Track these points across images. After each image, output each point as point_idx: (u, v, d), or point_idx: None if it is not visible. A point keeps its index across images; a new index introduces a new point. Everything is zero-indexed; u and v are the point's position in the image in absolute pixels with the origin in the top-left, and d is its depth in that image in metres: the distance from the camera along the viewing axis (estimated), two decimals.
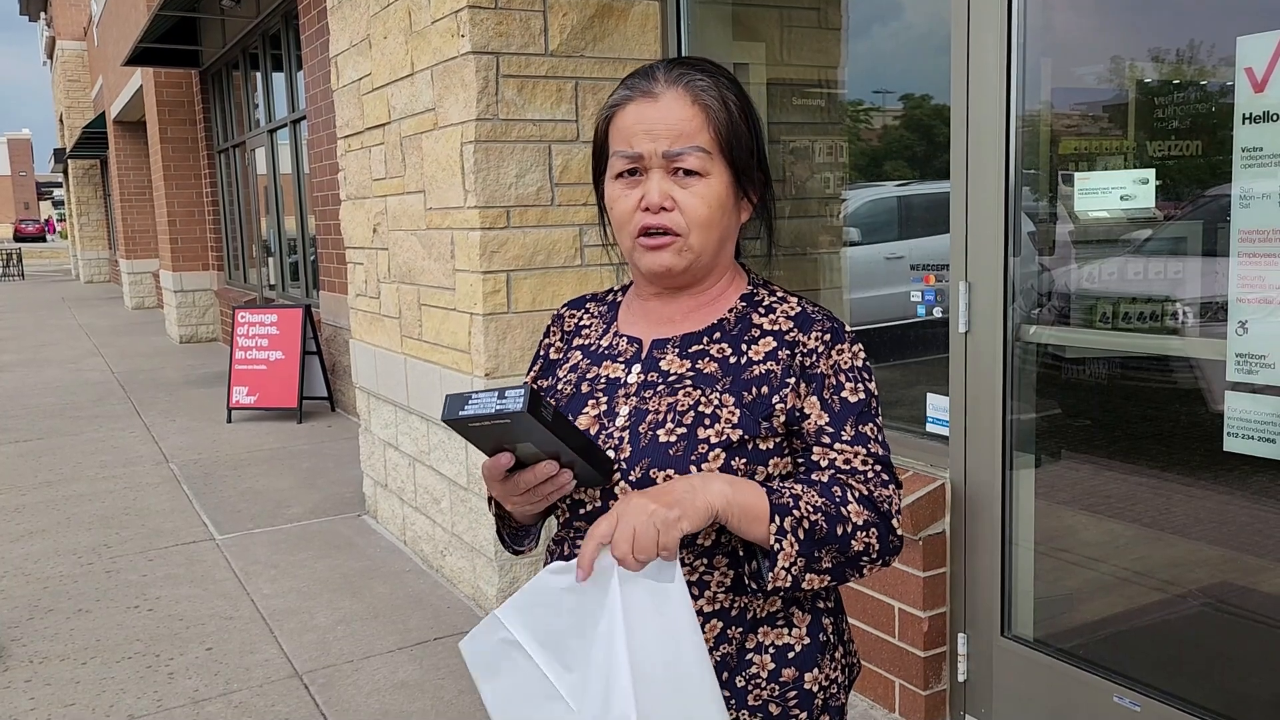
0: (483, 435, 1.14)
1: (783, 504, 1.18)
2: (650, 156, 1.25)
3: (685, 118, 1.24)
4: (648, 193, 1.25)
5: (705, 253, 1.29)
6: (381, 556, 4.60)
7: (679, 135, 1.24)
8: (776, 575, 1.17)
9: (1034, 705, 2.73)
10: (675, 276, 1.30)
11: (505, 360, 3.66)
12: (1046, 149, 2.68)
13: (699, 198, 1.25)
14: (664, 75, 1.26)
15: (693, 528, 1.13)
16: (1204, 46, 2.33)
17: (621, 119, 1.27)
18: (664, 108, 1.24)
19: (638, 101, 1.26)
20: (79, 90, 24.38)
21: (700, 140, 1.24)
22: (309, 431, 7.34)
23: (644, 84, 1.27)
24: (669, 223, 1.26)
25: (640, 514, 1.11)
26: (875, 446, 1.27)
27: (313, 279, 9.06)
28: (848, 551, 1.21)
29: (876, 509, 1.23)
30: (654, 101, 1.25)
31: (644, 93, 1.26)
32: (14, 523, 5.31)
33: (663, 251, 1.27)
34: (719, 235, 1.29)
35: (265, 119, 10.31)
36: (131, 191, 17.19)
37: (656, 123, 1.24)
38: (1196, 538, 2.52)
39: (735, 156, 1.26)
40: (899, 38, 3.50)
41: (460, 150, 3.62)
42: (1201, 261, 2.41)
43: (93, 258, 25.70)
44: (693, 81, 1.25)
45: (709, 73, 1.28)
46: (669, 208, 1.25)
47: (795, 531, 1.17)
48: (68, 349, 12.63)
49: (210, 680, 3.44)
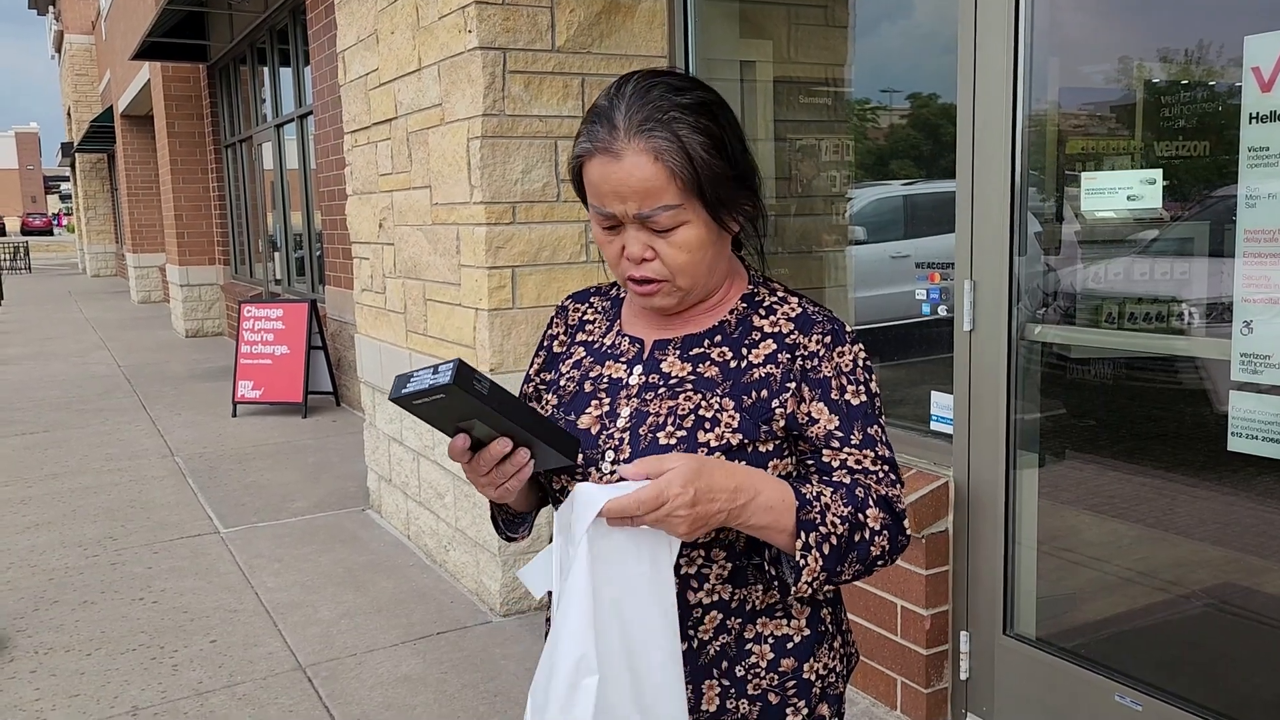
0: (434, 415, 1.15)
1: (810, 520, 1.19)
2: (623, 215, 1.24)
3: (648, 177, 1.20)
4: (627, 245, 1.26)
5: (696, 287, 1.30)
6: (385, 551, 4.61)
7: (645, 195, 1.21)
8: (800, 588, 1.20)
9: (1035, 704, 2.73)
10: (671, 309, 1.33)
11: (510, 356, 3.67)
12: (1053, 148, 2.68)
13: (676, 247, 1.25)
14: (624, 125, 1.21)
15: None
16: (1211, 46, 2.32)
17: (589, 172, 1.25)
18: (627, 168, 1.21)
19: (600, 159, 1.23)
20: (87, 84, 24.42)
21: (667, 198, 1.21)
22: (314, 426, 7.36)
23: (606, 137, 1.23)
24: (651, 273, 1.27)
25: (681, 504, 1.11)
26: (882, 448, 1.29)
27: (318, 274, 9.07)
28: (866, 559, 1.23)
29: (891, 510, 1.25)
30: (617, 161, 1.21)
31: (605, 150, 1.22)
32: (20, 515, 5.34)
33: (653, 296, 1.29)
34: (706, 268, 1.29)
35: (272, 114, 10.33)
36: (138, 186, 17.24)
37: (621, 185, 1.22)
38: (1200, 538, 2.52)
39: (710, 195, 1.23)
40: (906, 36, 3.50)
41: (466, 146, 3.62)
42: (1206, 262, 2.40)
43: (99, 251, 25.76)
44: (652, 136, 1.20)
45: (669, 118, 1.21)
46: (649, 258, 1.26)
47: (820, 547, 1.19)
48: (74, 342, 12.67)
49: (214, 672, 3.45)
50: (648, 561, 1.17)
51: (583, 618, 1.13)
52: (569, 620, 1.13)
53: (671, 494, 1.11)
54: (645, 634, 1.17)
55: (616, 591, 1.16)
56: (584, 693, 1.12)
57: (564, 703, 1.13)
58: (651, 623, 1.17)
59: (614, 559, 1.15)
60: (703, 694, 1.29)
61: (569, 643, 1.13)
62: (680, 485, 1.11)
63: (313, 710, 3.18)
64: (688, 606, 1.28)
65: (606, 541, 1.14)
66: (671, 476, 1.12)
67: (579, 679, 1.12)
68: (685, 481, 1.12)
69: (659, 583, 1.17)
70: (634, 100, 1.23)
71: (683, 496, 1.11)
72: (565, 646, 1.13)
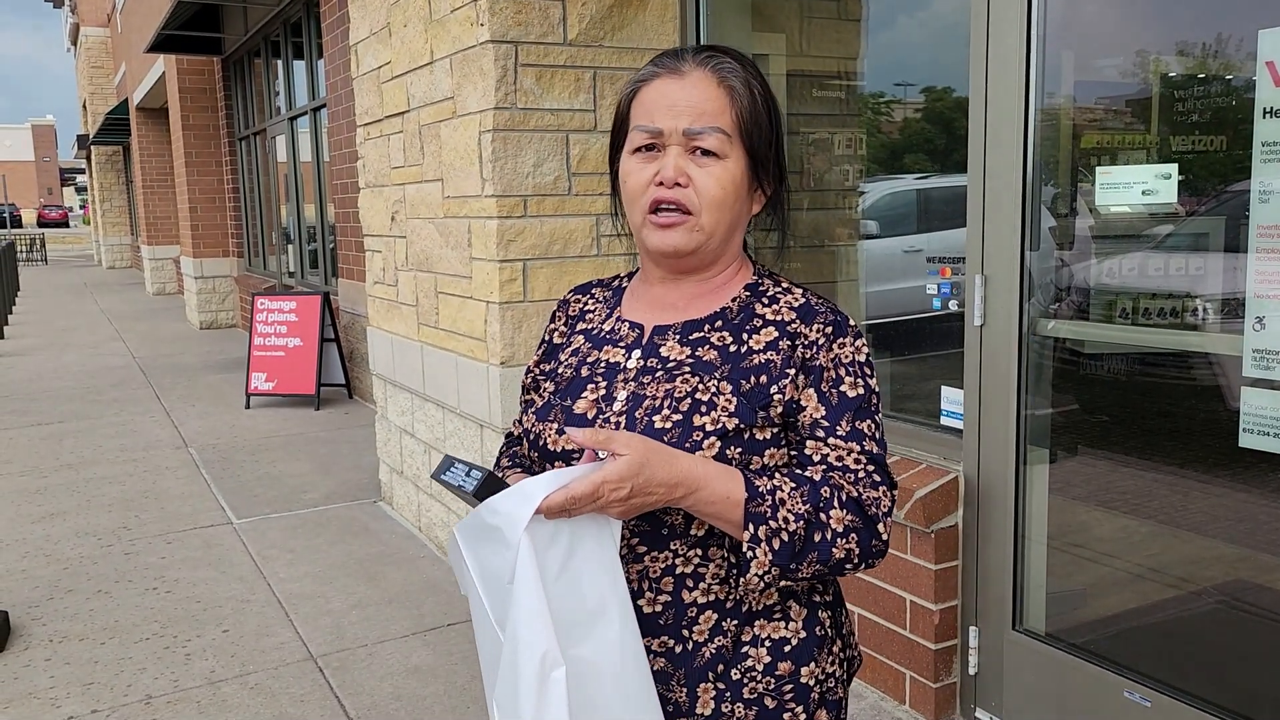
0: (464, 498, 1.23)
1: (759, 513, 1.17)
2: (670, 133, 1.25)
3: (709, 97, 1.24)
4: (663, 167, 1.25)
5: (715, 236, 1.28)
6: (396, 542, 4.63)
7: (701, 114, 1.24)
8: (749, 580, 1.18)
9: (1044, 699, 2.73)
10: (683, 258, 1.30)
11: (520, 349, 3.67)
12: (1065, 142, 2.67)
13: (714, 178, 1.25)
14: (693, 57, 1.27)
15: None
16: (1226, 40, 2.30)
17: (645, 94, 1.28)
18: (689, 86, 1.25)
19: (664, 78, 1.27)
20: (102, 77, 24.53)
21: (721, 122, 1.24)
22: (326, 418, 7.39)
23: (672, 62, 1.28)
24: (682, 198, 1.25)
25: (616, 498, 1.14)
26: (870, 444, 1.25)
27: (331, 266, 9.10)
28: (829, 561, 1.20)
29: (863, 512, 1.22)
30: (680, 80, 1.25)
31: (671, 70, 1.27)
32: (36, 505, 5.38)
33: (673, 230, 1.27)
34: (730, 219, 1.28)
35: (286, 106, 10.36)
36: (153, 178, 17.33)
37: (680, 100, 1.25)
38: (1210, 534, 2.51)
39: (754, 144, 1.26)
40: (919, 29, 3.49)
41: (478, 139, 3.63)
42: (1219, 257, 2.39)
43: (115, 243, 25.91)
44: (720, 65, 1.26)
45: (737, 59, 1.29)
46: (683, 184, 1.25)
47: (770, 541, 1.17)
48: (89, 334, 12.75)
49: (226, 662, 3.48)
50: (591, 539, 1.18)
51: (538, 615, 1.14)
52: (523, 622, 1.14)
53: (607, 490, 1.13)
54: (600, 609, 1.18)
55: (564, 575, 1.17)
56: (554, 685, 1.13)
57: (536, 702, 1.13)
58: (605, 597, 1.18)
59: (557, 544, 1.17)
60: (698, 697, 1.27)
61: (528, 645, 1.14)
62: (617, 481, 1.13)
63: (324, 700, 3.20)
64: (683, 606, 1.26)
65: (544, 529, 1.16)
66: (609, 471, 1.13)
67: (546, 673, 1.13)
68: (622, 478, 1.13)
69: (605, 557, 1.19)
70: (701, 48, 1.30)
71: (618, 492, 1.13)
72: (526, 649, 1.14)
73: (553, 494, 1.13)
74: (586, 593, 1.18)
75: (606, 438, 1.15)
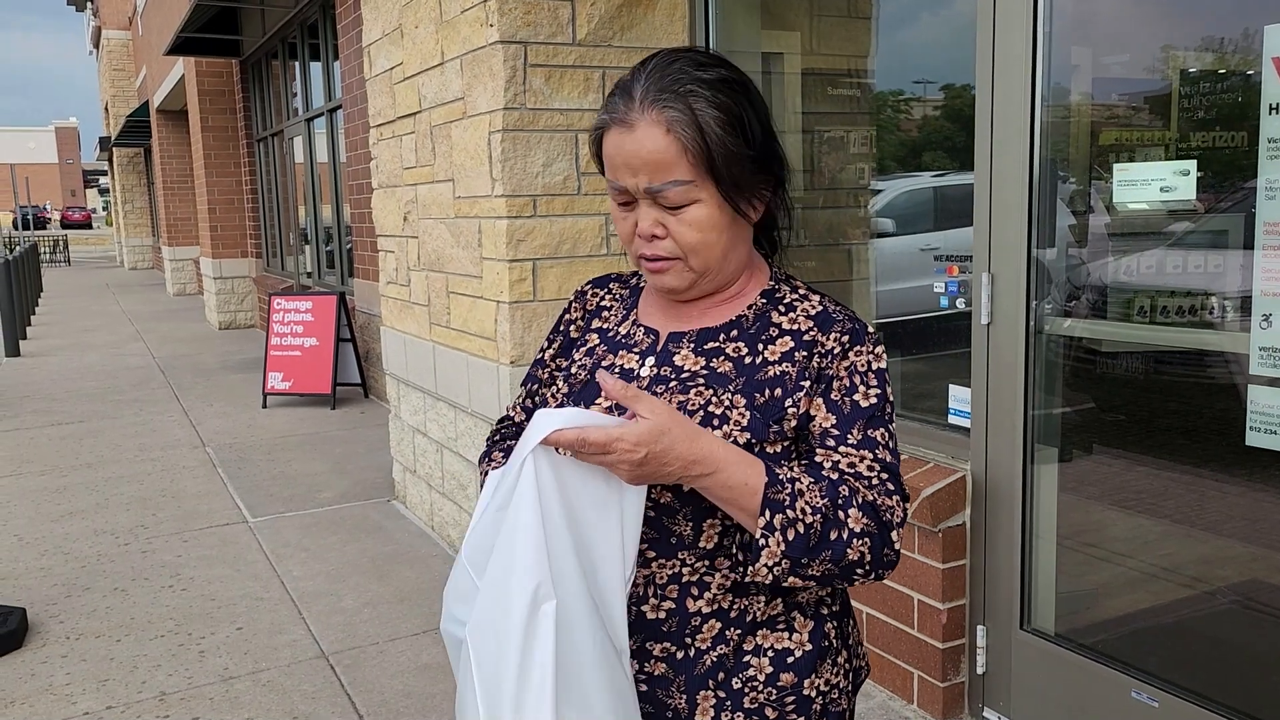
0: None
1: (778, 500, 1.15)
2: (635, 190, 1.22)
3: (660, 149, 1.18)
4: (639, 221, 1.24)
5: (709, 270, 1.27)
6: (409, 541, 4.65)
7: (656, 169, 1.19)
8: (757, 570, 1.16)
9: (1052, 699, 2.72)
10: (683, 293, 1.30)
11: (531, 348, 3.69)
12: (1073, 139, 2.66)
13: (687, 225, 1.22)
14: (640, 95, 1.20)
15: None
16: (1240, 35, 2.29)
17: (606, 144, 1.25)
18: (640, 139, 1.19)
19: (616, 130, 1.22)
20: (124, 79, 24.74)
21: (678, 172, 1.19)
22: (342, 417, 7.44)
23: (621, 108, 1.22)
24: (663, 251, 1.24)
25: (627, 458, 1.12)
26: (883, 453, 1.22)
27: (348, 267, 9.16)
28: (841, 561, 1.17)
29: (878, 517, 1.18)
30: (631, 132, 1.20)
31: (620, 121, 1.22)
32: (55, 503, 5.44)
33: (665, 274, 1.27)
34: (720, 250, 1.26)
35: (303, 108, 10.42)
36: (173, 179, 17.47)
37: (633, 156, 1.20)
38: (1219, 534, 2.49)
39: (724, 173, 1.20)
40: (930, 26, 3.48)
41: (488, 139, 3.64)
42: (1224, 255, 2.37)
43: (136, 244, 26.14)
44: (665, 108, 1.18)
45: (685, 90, 1.19)
46: (661, 235, 1.24)
47: (785, 531, 1.14)
48: (110, 334, 12.87)
49: (240, 659, 3.51)
50: (601, 482, 1.15)
51: (533, 542, 1.10)
52: (519, 550, 1.10)
53: (620, 447, 1.11)
54: (604, 553, 1.15)
55: (568, 513, 1.14)
56: (544, 619, 1.09)
57: (524, 633, 1.09)
58: (610, 545, 1.15)
59: (567, 481, 1.14)
60: (697, 704, 1.26)
61: (524, 570, 1.10)
62: (633, 442, 1.11)
63: (335, 697, 3.23)
64: (687, 614, 1.25)
65: (557, 463, 1.14)
66: (628, 431, 1.11)
67: (538, 605, 1.09)
68: (639, 441, 1.11)
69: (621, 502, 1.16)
70: (654, 73, 1.22)
71: (632, 454, 1.11)
72: (522, 574, 1.10)
73: (565, 430, 1.11)
74: (588, 533, 1.14)
75: (634, 396, 1.13)
